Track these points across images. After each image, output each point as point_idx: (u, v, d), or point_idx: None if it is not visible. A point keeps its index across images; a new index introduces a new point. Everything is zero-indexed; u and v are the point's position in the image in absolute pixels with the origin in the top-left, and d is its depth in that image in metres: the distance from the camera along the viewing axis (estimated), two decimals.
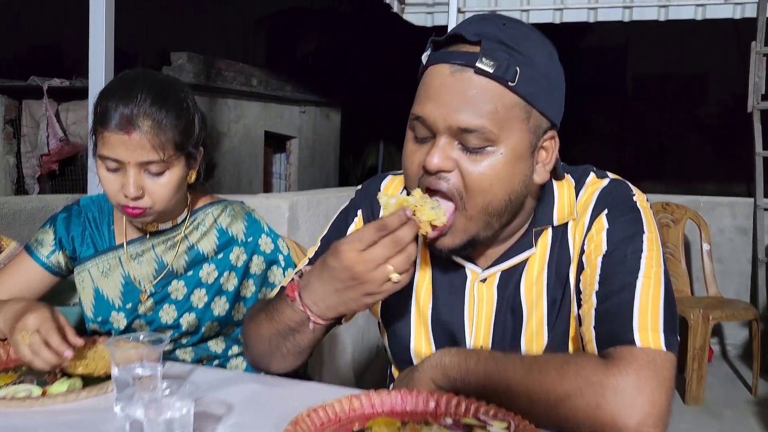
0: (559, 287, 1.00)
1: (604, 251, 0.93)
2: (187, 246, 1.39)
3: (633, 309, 0.87)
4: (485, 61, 0.87)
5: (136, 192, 1.23)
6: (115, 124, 1.21)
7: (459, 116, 0.88)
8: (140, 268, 1.38)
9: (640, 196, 0.99)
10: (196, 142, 1.32)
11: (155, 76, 1.30)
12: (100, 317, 1.39)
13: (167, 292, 1.38)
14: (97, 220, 1.43)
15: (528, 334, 1.01)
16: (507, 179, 0.91)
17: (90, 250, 1.40)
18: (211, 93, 8.54)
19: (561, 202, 1.01)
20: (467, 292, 1.04)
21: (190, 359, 1.42)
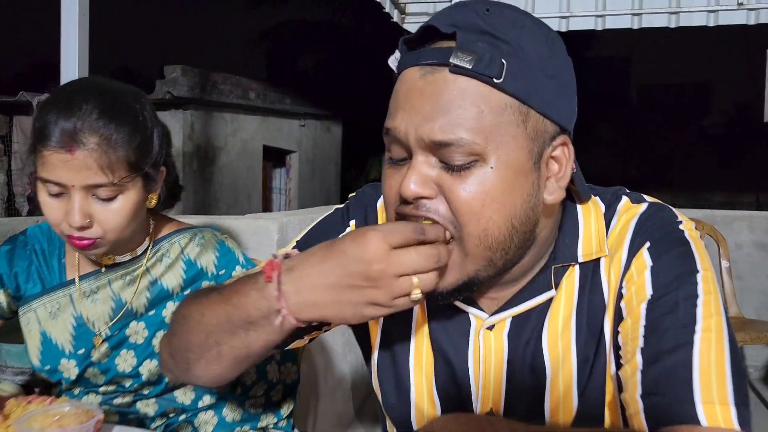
0: (592, 341, 0.80)
1: (648, 297, 0.74)
2: (149, 281, 1.21)
3: (692, 374, 0.68)
4: (461, 56, 0.70)
5: (81, 220, 1.05)
6: (56, 141, 1.03)
7: (431, 126, 0.71)
8: (94, 308, 1.20)
9: (687, 224, 0.79)
10: (156, 161, 1.14)
11: (104, 84, 1.12)
12: (48, 365, 1.20)
13: (125, 336, 1.20)
14: (46, 252, 1.25)
15: (554, 399, 0.81)
16: (502, 200, 0.72)
17: (37, 288, 1.23)
18: (207, 106, 8.40)
19: (587, 233, 0.81)
20: (471, 343, 0.85)
21: (154, 413, 1.23)
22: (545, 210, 0.77)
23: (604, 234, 0.81)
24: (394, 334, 0.90)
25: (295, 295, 0.72)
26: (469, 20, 0.71)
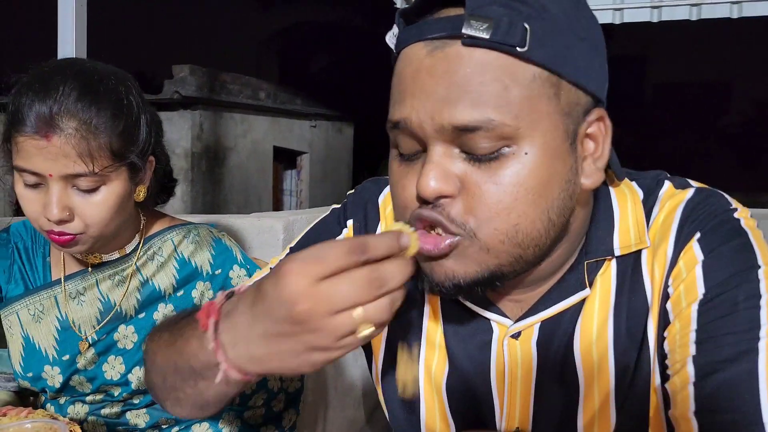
0: (633, 348, 0.69)
1: (700, 296, 0.63)
2: (140, 281, 1.13)
3: (758, 387, 0.58)
4: (474, 24, 0.59)
5: (60, 213, 0.97)
6: (30, 127, 0.95)
7: (451, 109, 0.60)
8: (81, 310, 1.12)
9: (743, 211, 0.68)
10: (143, 149, 1.05)
11: (85, 65, 1.03)
12: (31, 372, 1.13)
13: (113, 340, 1.12)
14: (30, 251, 1.17)
15: (588, 414, 0.70)
16: (539, 191, 0.62)
17: (19, 288, 1.15)
18: (216, 106, 8.36)
19: (624, 222, 0.70)
20: (494, 353, 0.74)
21: (145, 423, 1.15)
22: (581, 197, 0.66)
23: (644, 223, 0.70)
24: (401, 333, 0.80)
25: (232, 347, 0.60)
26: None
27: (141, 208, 1.14)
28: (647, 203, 0.72)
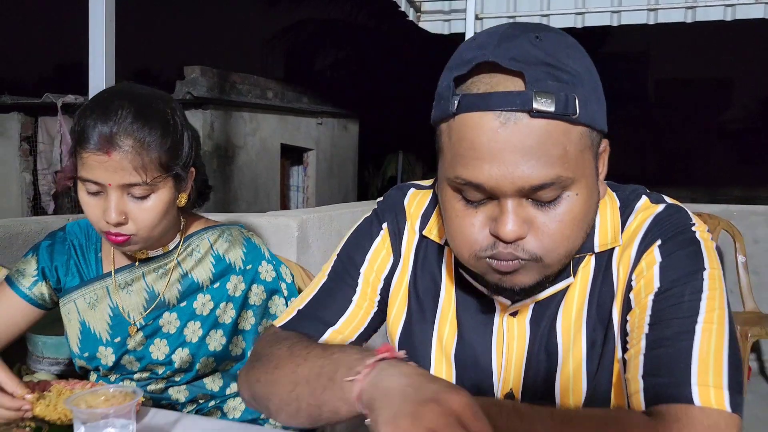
0: (601, 328, 0.85)
1: (656, 289, 0.79)
2: (180, 274, 1.28)
3: (691, 359, 0.73)
4: (541, 100, 0.70)
5: (117, 217, 1.13)
6: (94, 144, 1.10)
7: (529, 174, 0.71)
8: (129, 299, 1.27)
9: (700, 226, 0.84)
10: (186, 162, 1.21)
11: (137, 91, 1.19)
12: (87, 352, 1.28)
13: (158, 325, 1.26)
14: (84, 248, 1.32)
15: (564, 380, 0.86)
16: (585, 218, 0.77)
17: (75, 280, 1.30)
18: (226, 106, 8.49)
19: (603, 225, 0.86)
20: (495, 328, 0.90)
21: (185, 399, 1.30)
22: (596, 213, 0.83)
23: (618, 225, 0.86)
24: (420, 314, 0.95)
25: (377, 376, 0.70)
26: (528, 53, 0.71)
27: (181, 211, 1.29)
28: (625, 212, 0.87)
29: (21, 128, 7.92)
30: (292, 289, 1.34)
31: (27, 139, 7.99)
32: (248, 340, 1.32)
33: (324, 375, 0.77)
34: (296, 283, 1.38)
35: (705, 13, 4.27)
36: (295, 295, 1.33)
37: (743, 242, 3.58)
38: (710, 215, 3.66)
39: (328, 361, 0.78)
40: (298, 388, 0.80)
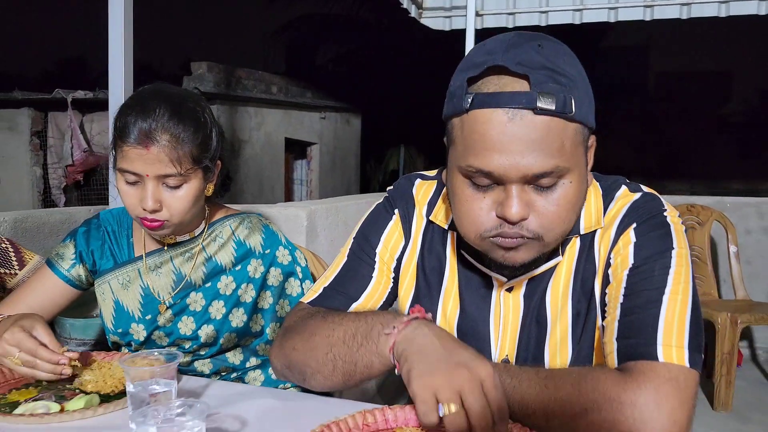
0: (584, 300, 0.98)
1: (630, 265, 0.91)
2: (205, 257, 1.40)
3: (658, 324, 0.85)
4: (543, 99, 0.81)
5: (154, 205, 1.24)
6: (134, 139, 1.22)
7: (532, 163, 0.83)
8: (159, 280, 1.39)
9: (671, 211, 0.97)
10: (213, 155, 1.33)
11: (172, 91, 1.31)
12: (120, 329, 1.40)
13: (186, 304, 1.39)
14: (116, 233, 1.44)
15: (552, 346, 0.99)
16: (577, 203, 0.90)
17: (110, 263, 1.42)
18: (232, 101, 8.60)
19: (588, 210, 0.99)
20: (493, 302, 1.02)
21: (209, 371, 1.43)
22: None
23: (601, 210, 0.99)
24: (426, 290, 1.08)
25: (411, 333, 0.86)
26: (533, 59, 0.82)
27: (206, 200, 1.40)
28: (606, 199, 0.99)
29: (31, 123, 8.04)
30: (306, 272, 1.47)
31: (37, 134, 8.11)
32: (266, 317, 1.44)
33: (360, 334, 0.91)
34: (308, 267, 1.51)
35: (700, 10, 4.37)
36: (309, 278, 1.46)
37: (735, 233, 3.70)
38: (703, 207, 3.78)
39: (362, 323, 0.92)
40: (334, 349, 0.93)
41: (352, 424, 0.89)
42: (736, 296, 3.63)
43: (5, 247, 1.71)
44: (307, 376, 0.98)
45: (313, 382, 0.98)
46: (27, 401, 1.03)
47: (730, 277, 3.68)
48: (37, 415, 0.96)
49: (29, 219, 2.14)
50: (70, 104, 7.51)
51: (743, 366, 3.82)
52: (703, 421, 3.04)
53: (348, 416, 0.89)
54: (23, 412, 0.97)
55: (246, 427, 0.94)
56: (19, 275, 1.71)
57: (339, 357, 0.93)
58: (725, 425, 3.01)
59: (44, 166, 8.13)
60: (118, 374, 1.09)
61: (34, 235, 2.15)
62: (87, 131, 7.79)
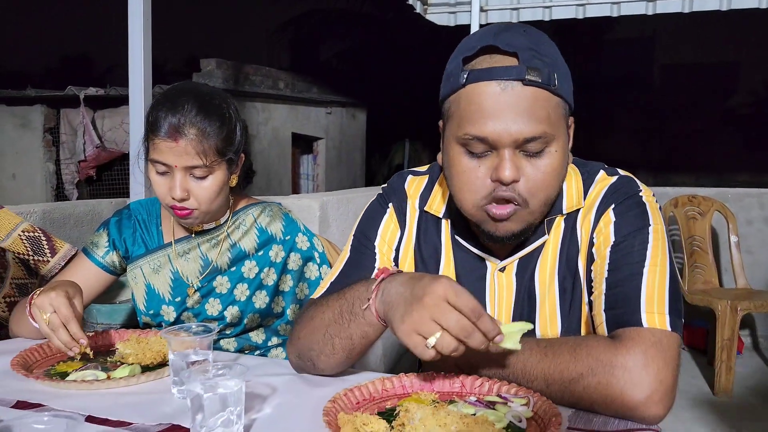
0: (570, 277, 1.07)
1: (612, 242, 1.01)
2: (230, 244, 1.49)
3: (640, 294, 0.94)
4: (531, 72, 0.91)
5: (182, 194, 1.34)
6: (164, 132, 1.32)
7: (522, 128, 0.92)
8: (187, 265, 1.49)
9: (646, 191, 1.06)
10: (237, 148, 1.42)
11: (200, 88, 1.41)
12: (152, 310, 1.50)
13: (212, 287, 1.48)
14: (146, 222, 1.54)
15: (542, 320, 1.08)
16: (561, 171, 0.99)
17: (141, 249, 1.52)
18: (240, 97, 8.67)
19: (569, 191, 1.08)
20: (488, 282, 1.11)
21: (233, 349, 1.52)
22: None
23: (581, 192, 1.08)
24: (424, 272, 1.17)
25: (381, 294, 0.94)
26: (520, 41, 0.93)
27: (230, 190, 1.49)
28: (586, 182, 1.08)
29: (44, 120, 8.17)
30: (324, 258, 1.56)
31: (50, 131, 8.24)
32: (287, 299, 1.54)
33: (345, 311, 1.00)
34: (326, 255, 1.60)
35: (702, 4, 4.42)
36: (326, 263, 1.56)
37: (736, 223, 3.78)
38: (704, 197, 3.85)
39: (343, 300, 1.01)
40: (329, 329, 1.02)
41: (372, 389, 0.98)
42: (736, 285, 3.71)
43: (38, 236, 1.81)
44: (313, 359, 1.06)
45: (320, 365, 1.06)
46: (75, 371, 1.13)
47: (731, 266, 3.76)
48: (88, 382, 1.06)
49: (56, 210, 2.24)
50: (83, 101, 7.63)
51: (744, 354, 3.89)
52: (704, 407, 3.13)
53: (368, 382, 0.99)
54: (74, 379, 1.07)
55: (276, 393, 1.03)
56: (51, 262, 1.81)
57: (335, 335, 1.01)
58: (726, 411, 3.09)
59: (57, 161, 8.25)
60: (156, 347, 1.19)
61: (61, 226, 2.25)
62: (99, 127, 7.91)
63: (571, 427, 0.86)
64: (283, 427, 0.91)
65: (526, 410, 0.88)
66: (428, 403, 0.92)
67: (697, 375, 3.59)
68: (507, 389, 0.94)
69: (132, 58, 2.44)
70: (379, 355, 3.04)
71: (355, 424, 0.82)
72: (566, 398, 0.90)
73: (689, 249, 3.74)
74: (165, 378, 1.11)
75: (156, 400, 1.01)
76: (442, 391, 0.99)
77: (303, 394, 1.03)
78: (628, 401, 0.86)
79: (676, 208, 3.81)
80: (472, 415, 0.85)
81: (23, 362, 1.15)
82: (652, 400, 0.86)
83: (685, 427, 2.85)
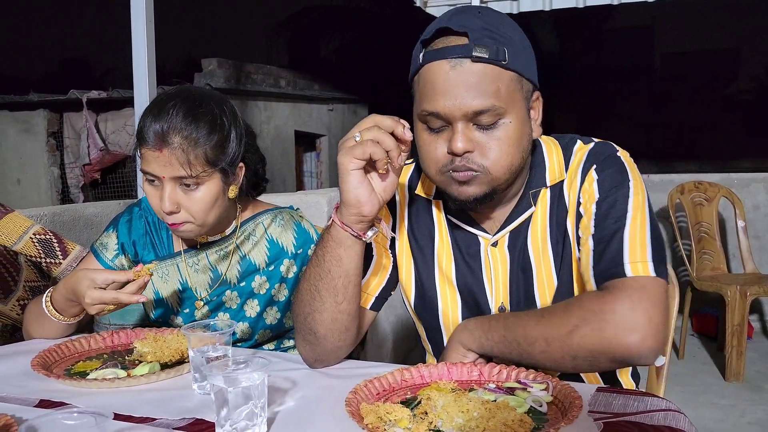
0: (560, 239, 1.11)
1: (597, 198, 1.06)
2: (240, 256, 1.43)
3: (623, 247, 1.00)
4: (478, 49, 0.97)
5: (170, 206, 1.26)
6: (149, 140, 1.24)
7: (471, 103, 0.98)
8: (196, 276, 1.43)
9: (623, 152, 1.12)
10: (233, 158, 1.31)
11: (192, 92, 1.32)
12: (160, 319, 1.46)
13: (221, 301, 1.43)
14: (157, 224, 1.48)
15: (540, 283, 1.12)
16: (519, 141, 1.03)
17: (151, 255, 1.46)
18: (242, 96, 8.71)
19: (551, 164, 1.13)
20: (483, 258, 1.15)
21: None
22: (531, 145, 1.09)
23: (563, 164, 1.13)
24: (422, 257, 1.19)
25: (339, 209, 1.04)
26: (472, 22, 0.99)
27: (237, 198, 1.39)
28: (566, 153, 1.13)
29: (47, 124, 8.19)
30: None
31: (53, 135, 8.26)
32: None
33: (318, 256, 1.07)
34: None
35: None
36: None
37: (743, 208, 3.77)
38: (711, 183, 3.85)
39: (313, 255, 1.09)
40: (312, 282, 1.08)
41: (392, 380, 0.99)
42: (745, 270, 3.71)
43: (49, 238, 1.81)
44: (311, 326, 1.09)
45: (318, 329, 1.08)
46: (95, 370, 1.13)
47: (739, 251, 3.76)
48: (108, 380, 1.07)
49: (66, 213, 2.25)
50: (85, 104, 7.64)
51: (754, 339, 3.90)
52: (716, 391, 3.14)
53: (387, 373, 1.00)
54: (95, 378, 1.08)
55: (296, 386, 1.04)
56: (63, 264, 1.81)
57: (318, 282, 1.07)
58: (737, 395, 3.10)
59: (61, 166, 8.27)
60: (174, 345, 1.19)
61: (71, 228, 2.26)
62: (102, 130, 7.93)
63: (591, 411, 0.87)
64: (307, 418, 0.92)
65: (546, 395, 0.89)
66: (448, 391, 0.92)
67: (708, 361, 3.60)
68: (525, 375, 0.95)
69: (136, 59, 2.44)
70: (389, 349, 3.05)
71: (378, 413, 0.83)
72: (567, 353, 0.95)
73: (696, 236, 3.74)
74: (185, 374, 1.11)
75: (177, 396, 1.02)
76: (461, 380, 1.00)
77: (323, 387, 1.04)
78: (622, 341, 0.92)
79: (682, 195, 3.80)
80: (492, 401, 0.86)
81: (43, 362, 1.16)
82: (644, 336, 0.92)
83: (696, 412, 2.86)
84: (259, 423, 0.85)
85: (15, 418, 0.88)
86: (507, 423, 0.79)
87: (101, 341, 1.30)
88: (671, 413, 0.85)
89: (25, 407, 0.98)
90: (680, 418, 0.84)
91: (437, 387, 0.96)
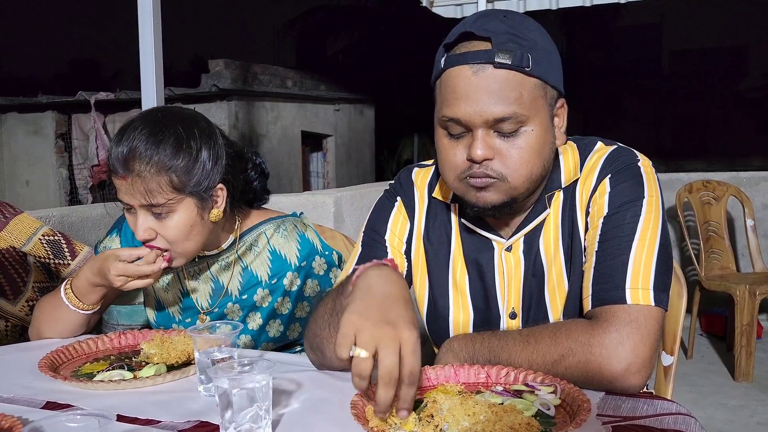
0: (570, 244, 1.10)
1: (605, 213, 1.03)
2: (242, 267, 1.39)
3: (626, 270, 0.97)
4: (501, 55, 0.95)
5: (144, 235, 1.21)
6: (115, 168, 1.19)
7: (492, 109, 0.96)
8: (198, 286, 1.41)
9: (644, 161, 1.07)
10: (207, 182, 1.24)
11: (156, 114, 1.25)
12: (162, 326, 1.45)
13: (223, 313, 1.41)
14: None
15: (551, 287, 1.10)
16: (541, 150, 1.01)
17: None
18: (249, 97, 8.74)
19: (567, 165, 1.11)
20: (496, 263, 1.13)
21: None
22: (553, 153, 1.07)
23: (578, 163, 1.10)
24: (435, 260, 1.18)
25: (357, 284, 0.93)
26: (496, 26, 0.97)
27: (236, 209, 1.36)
28: (583, 154, 1.11)
29: (56, 126, 8.24)
30: None
31: (62, 136, 8.31)
32: (304, 326, 1.43)
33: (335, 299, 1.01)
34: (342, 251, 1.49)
35: None
36: None
37: (752, 207, 3.75)
38: (719, 182, 3.83)
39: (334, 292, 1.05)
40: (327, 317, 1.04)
41: None
42: (754, 269, 3.68)
43: (58, 239, 1.82)
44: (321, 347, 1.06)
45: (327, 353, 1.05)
46: (102, 372, 1.14)
47: (748, 250, 3.73)
48: (115, 382, 1.07)
49: (74, 214, 2.26)
50: (93, 106, 7.68)
51: (764, 338, 3.87)
52: (725, 392, 3.11)
53: None
54: (102, 379, 1.08)
55: (301, 388, 1.04)
56: (72, 265, 1.82)
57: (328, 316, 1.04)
58: (747, 395, 3.07)
59: (70, 167, 8.32)
60: (180, 347, 1.19)
61: (79, 229, 2.27)
62: (110, 131, 7.96)
63: (600, 414, 0.86)
64: (311, 420, 0.92)
65: (554, 398, 0.88)
66: (454, 394, 0.92)
67: (717, 361, 3.58)
68: (533, 378, 0.94)
69: (143, 60, 2.45)
70: None
71: None
72: None
73: (705, 235, 3.71)
74: (191, 376, 1.11)
75: (183, 398, 1.02)
76: (468, 382, 0.99)
77: (329, 389, 1.03)
78: (607, 375, 0.91)
79: (690, 194, 3.78)
80: (499, 404, 0.85)
81: (50, 364, 1.16)
82: (629, 372, 0.90)
83: (706, 413, 2.84)
84: (264, 425, 0.85)
85: (21, 419, 0.89)
86: (514, 426, 0.78)
87: (108, 342, 1.30)
88: (681, 417, 0.84)
89: (31, 409, 0.98)
90: (690, 421, 0.83)
91: (444, 389, 0.95)
